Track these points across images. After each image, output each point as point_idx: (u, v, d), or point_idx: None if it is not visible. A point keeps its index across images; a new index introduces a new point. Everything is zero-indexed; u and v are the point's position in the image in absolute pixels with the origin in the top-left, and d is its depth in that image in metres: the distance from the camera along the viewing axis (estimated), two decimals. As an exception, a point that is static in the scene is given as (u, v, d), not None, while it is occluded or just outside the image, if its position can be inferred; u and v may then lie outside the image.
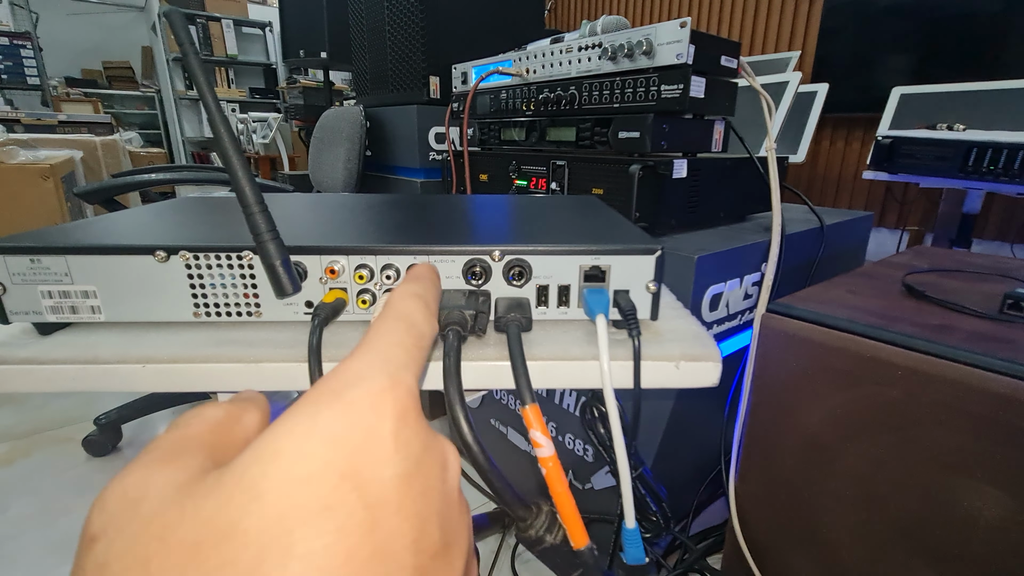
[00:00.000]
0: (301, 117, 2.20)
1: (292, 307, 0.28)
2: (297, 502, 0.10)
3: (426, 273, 0.20)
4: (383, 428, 0.12)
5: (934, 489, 0.45)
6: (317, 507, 0.10)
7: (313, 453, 0.11)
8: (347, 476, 0.11)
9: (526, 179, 0.80)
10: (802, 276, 0.77)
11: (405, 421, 0.12)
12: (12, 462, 1.13)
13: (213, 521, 0.10)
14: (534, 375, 0.25)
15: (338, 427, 0.11)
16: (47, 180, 1.50)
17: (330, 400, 0.12)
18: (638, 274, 0.28)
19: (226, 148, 0.23)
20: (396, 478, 0.11)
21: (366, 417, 0.12)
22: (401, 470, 0.12)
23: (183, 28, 0.22)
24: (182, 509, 0.10)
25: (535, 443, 0.21)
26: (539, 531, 0.19)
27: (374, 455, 0.11)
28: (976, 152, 1.09)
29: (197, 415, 0.14)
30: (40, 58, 3.39)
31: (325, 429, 0.11)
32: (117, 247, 0.27)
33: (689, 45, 0.58)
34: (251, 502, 0.10)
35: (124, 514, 0.11)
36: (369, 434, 0.12)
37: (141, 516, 0.10)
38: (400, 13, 1.14)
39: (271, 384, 0.27)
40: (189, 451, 0.12)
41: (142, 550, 0.10)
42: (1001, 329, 0.47)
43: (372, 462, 0.11)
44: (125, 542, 0.10)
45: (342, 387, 0.12)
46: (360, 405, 0.12)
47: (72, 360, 0.26)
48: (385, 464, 0.11)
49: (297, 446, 0.11)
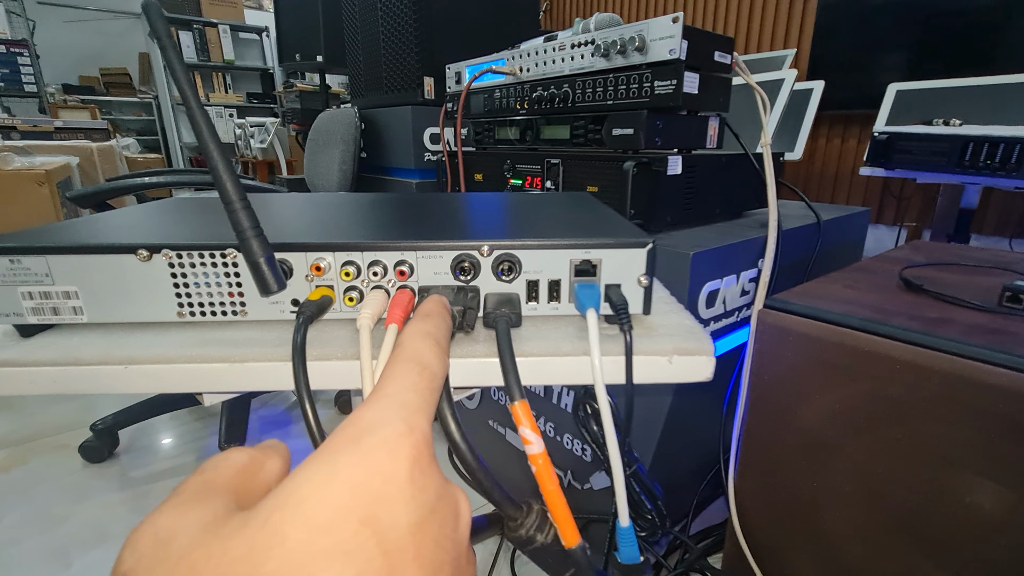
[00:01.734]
0: (298, 121, 2.20)
1: (278, 306, 0.28)
2: (319, 548, 0.10)
3: (435, 309, 0.21)
4: (400, 474, 0.12)
5: (933, 483, 0.44)
6: (338, 553, 0.10)
7: (334, 500, 0.11)
8: (366, 522, 0.11)
9: (521, 178, 0.80)
10: (799, 272, 0.76)
11: (420, 467, 0.13)
12: (9, 469, 1.12)
13: (239, 563, 0.10)
14: (524, 371, 0.25)
15: (357, 474, 0.12)
16: (42, 186, 1.50)
17: (348, 448, 0.12)
18: (630, 268, 0.27)
19: (206, 143, 0.22)
20: (412, 525, 0.12)
21: (384, 464, 0.12)
22: (417, 517, 0.12)
23: (161, 21, 0.22)
24: (209, 549, 0.11)
25: (524, 440, 0.21)
26: (529, 530, 0.19)
27: (392, 501, 0.12)
28: (972, 147, 1.09)
29: (224, 459, 0.14)
30: (37, 65, 3.39)
31: (345, 476, 0.12)
32: (98, 246, 0.26)
33: (682, 40, 0.57)
34: (275, 546, 0.10)
35: (155, 553, 0.11)
36: (387, 480, 0.12)
37: (171, 555, 0.11)
38: (394, 15, 1.13)
39: (257, 384, 0.26)
40: (215, 493, 0.13)
41: None
42: (999, 321, 0.46)
43: (390, 508, 0.12)
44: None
45: (359, 434, 0.13)
46: (378, 452, 0.12)
47: (54, 362, 0.26)
48: (402, 510, 0.12)
49: (318, 493, 0.11)
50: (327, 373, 0.25)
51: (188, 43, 3.92)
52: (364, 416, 0.13)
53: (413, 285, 0.27)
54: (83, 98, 4.11)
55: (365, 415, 0.13)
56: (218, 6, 3.94)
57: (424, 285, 0.27)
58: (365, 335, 0.24)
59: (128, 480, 1.10)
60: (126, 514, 1.00)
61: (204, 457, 1.14)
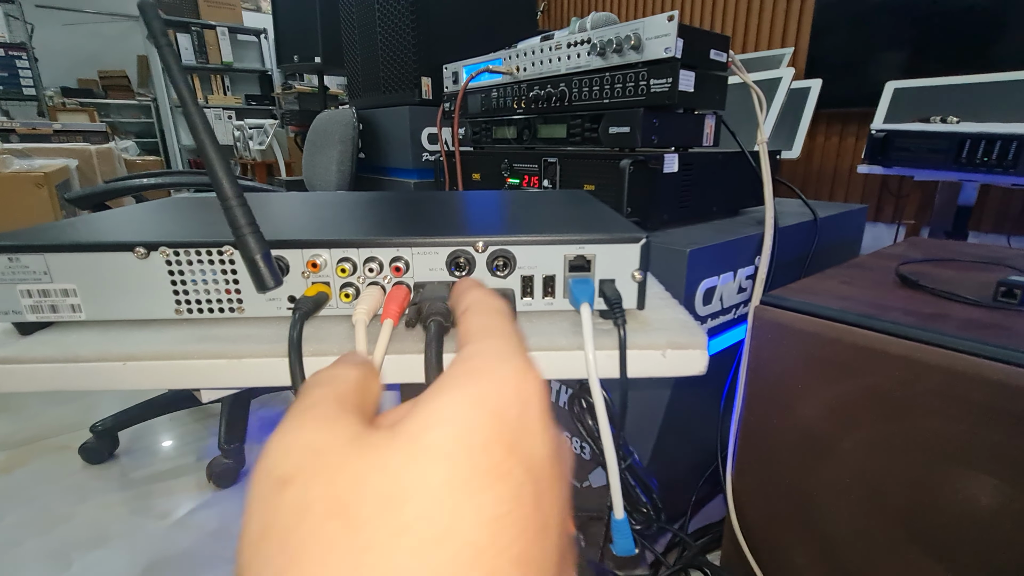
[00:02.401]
0: (296, 122, 2.20)
1: (275, 302, 0.28)
2: (479, 468, 0.11)
3: (471, 284, 0.21)
4: (535, 406, 0.12)
5: (931, 477, 0.44)
6: (496, 475, 0.11)
7: (482, 424, 0.11)
8: (513, 449, 0.11)
9: (519, 177, 0.80)
10: (796, 269, 0.76)
11: (547, 403, 0.13)
12: (10, 470, 1.12)
13: (402, 477, 0.10)
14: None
15: (499, 401, 0.12)
16: (41, 188, 1.50)
17: (486, 375, 0.12)
18: (623, 263, 0.28)
19: (203, 141, 0.23)
20: (548, 457, 0.12)
21: (521, 394, 0.12)
22: (549, 451, 0.12)
23: (157, 21, 0.22)
24: (368, 462, 0.11)
25: None
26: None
27: (531, 432, 0.12)
28: (970, 144, 1.09)
29: (339, 376, 0.14)
30: (36, 68, 3.40)
31: (488, 402, 0.12)
32: (96, 244, 0.27)
33: (677, 39, 0.58)
34: (436, 463, 0.10)
35: (313, 463, 0.11)
36: (525, 411, 0.12)
37: (330, 465, 0.11)
38: (391, 16, 1.14)
39: (254, 380, 0.26)
40: (349, 409, 0.13)
41: (341, 496, 0.10)
42: (995, 316, 0.47)
43: (531, 439, 0.12)
44: (322, 487, 0.10)
45: (493, 364, 0.13)
46: (513, 382, 0.12)
47: (52, 359, 0.26)
48: (540, 442, 0.12)
49: (466, 416, 0.11)
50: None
51: (186, 45, 3.92)
52: (489, 347, 0.14)
53: (409, 281, 0.28)
54: (82, 101, 4.11)
55: (490, 346, 0.14)
56: (216, 8, 3.94)
57: (420, 281, 0.28)
58: (361, 330, 0.24)
59: (128, 481, 1.10)
60: (126, 515, 1.00)
61: (204, 458, 1.14)
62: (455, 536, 0.10)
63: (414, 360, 0.26)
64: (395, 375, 0.26)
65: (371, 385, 0.15)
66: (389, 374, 0.26)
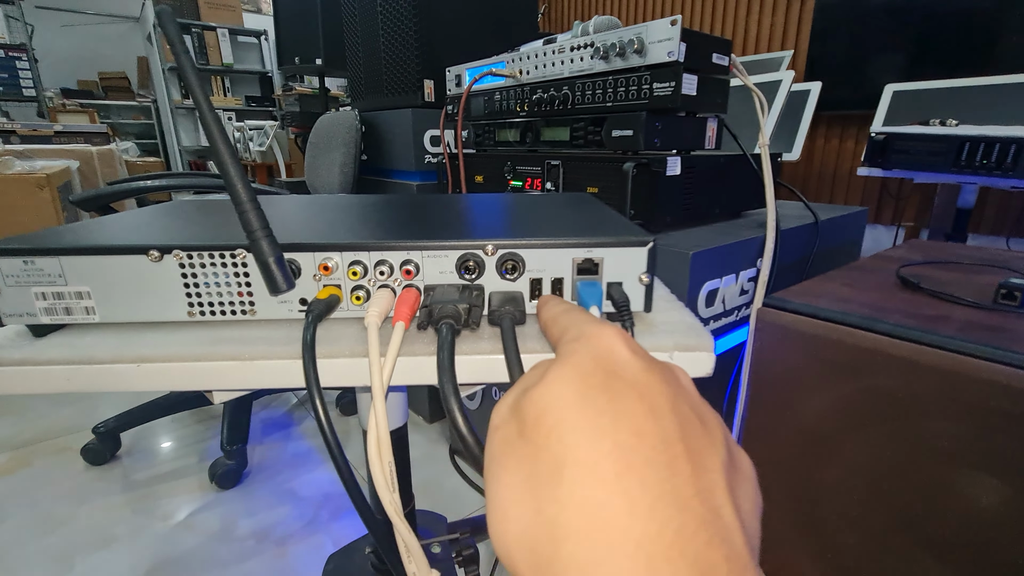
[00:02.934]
0: (297, 124, 2.21)
1: (287, 305, 0.28)
2: (591, 383, 0.16)
3: (554, 297, 0.26)
4: (624, 347, 0.17)
5: (932, 479, 0.45)
6: (601, 387, 0.16)
7: (588, 365, 0.17)
8: (612, 373, 0.16)
9: (521, 180, 0.81)
10: (798, 271, 0.77)
11: (633, 344, 0.18)
12: (12, 472, 1.12)
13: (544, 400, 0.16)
14: (528, 368, 0.25)
15: (604, 348, 0.17)
16: (43, 190, 1.50)
17: (588, 339, 0.18)
18: (631, 266, 0.28)
19: (218, 146, 0.23)
20: (642, 371, 0.17)
21: (611, 344, 0.17)
22: (641, 366, 0.17)
23: (173, 26, 0.23)
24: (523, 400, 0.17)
25: None
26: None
27: (623, 361, 0.17)
28: (969, 147, 1.10)
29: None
30: (36, 69, 3.40)
31: (597, 349, 0.17)
32: (111, 247, 0.27)
33: (680, 43, 0.58)
34: (563, 385, 0.16)
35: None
36: (613, 350, 0.17)
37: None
38: (394, 18, 1.14)
39: (267, 382, 0.26)
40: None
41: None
42: (995, 318, 0.47)
43: (623, 366, 0.17)
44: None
45: (595, 329, 0.18)
46: (607, 338, 0.18)
47: (66, 361, 0.26)
48: (628, 365, 0.17)
49: (576, 363, 0.17)
50: (336, 370, 0.26)
51: (187, 46, 3.93)
52: (587, 320, 0.19)
53: (419, 284, 0.28)
54: (82, 102, 4.11)
55: (587, 320, 0.20)
56: (216, 10, 3.95)
57: (430, 284, 0.28)
58: (373, 332, 0.24)
59: (130, 482, 1.10)
60: (128, 516, 1.00)
61: (206, 459, 1.15)
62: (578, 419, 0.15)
63: (425, 362, 0.26)
64: (407, 377, 0.26)
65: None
66: (401, 376, 0.26)
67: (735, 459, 0.16)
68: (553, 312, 0.22)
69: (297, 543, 0.94)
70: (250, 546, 0.93)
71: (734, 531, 0.13)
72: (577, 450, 0.14)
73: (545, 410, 0.15)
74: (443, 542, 0.58)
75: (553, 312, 0.22)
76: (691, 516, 0.13)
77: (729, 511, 0.14)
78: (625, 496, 0.13)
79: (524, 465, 0.15)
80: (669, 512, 0.13)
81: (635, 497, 0.13)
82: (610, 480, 0.13)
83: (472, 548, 0.76)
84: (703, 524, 0.13)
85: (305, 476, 1.12)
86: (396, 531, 0.24)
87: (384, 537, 0.27)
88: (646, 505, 0.13)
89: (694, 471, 0.14)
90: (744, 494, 0.15)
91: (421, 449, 1.20)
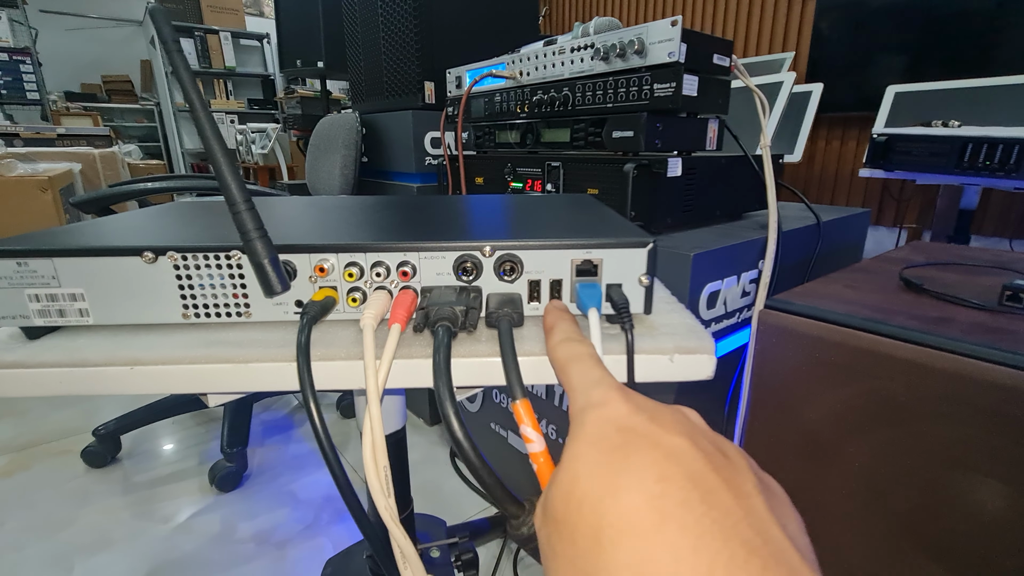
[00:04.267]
0: (299, 127, 2.21)
1: (282, 307, 0.28)
2: (618, 441, 0.16)
3: (557, 316, 0.25)
4: (627, 405, 0.18)
5: (936, 482, 0.44)
6: (624, 431, 0.16)
7: (618, 419, 0.17)
8: (640, 433, 0.16)
9: (522, 181, 0.80)
10: (800, 273, 0.76)
11: (638, 402, 0.18)
12: (12, 474, 1.12)
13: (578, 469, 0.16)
14: (526, 371, 0.25)
15: (621, 413, 0.17)
16: (46, 192, 1.50)
17: (592, 410, 0.18)
18: (630, 268, 0.28)
19: (211, 145, 0.23)
20: (649, 421, 0.17)
21: (625, 406, 0.18)
22: (647, 417, 0.17)
23: (167, 25, 0.22)
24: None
25: (526, 438, 0.21)
26: (531, 528, 0.19)
27: (628, 418, 0.17)
28: (971, 148, 1.09)
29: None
30: (39, 73, 3.41)
31: (614, 412, 0.17)
32: (105, 249, 0.27)
33: (681, 43, 0.58)
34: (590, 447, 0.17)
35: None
36: (629, 415, 0.17)
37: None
38: (394, 20, 1.14)
39: (262, 384, 0.26)
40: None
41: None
42: (1000, 320, 0.47)
43: (630, 422, 0.17)
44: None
45: (598, 395, 0.18)
46: (615, 404, 0.18)
47: (60, 363, 0.26)
48: (634, 419, 0.17)
49: (607, 415, 0.17)
50: (331, 373, 0.26)
51: (190, 50, 3.94)
52: (592, 384, 0.19)
53: (416, 286, 0.28)
54: (85, 105, 4.13)
55: (591, 381, 0.20)
56: (219, 13, 3.97)
57: (427, 286, 0.28)
58: (369, 335, 0.24)
59: (130, 485, 1.10)
60: (128, 519, 1.00)
61: (206, 462, 1.14)
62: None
63: (422, 365, 0.26)
64: (402, 380, 0.26)
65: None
66: (397, 379, 0.25)
67: (766, 483, 0.16)
68: (558, 355, 0.22)
69: (297, 546, 0.93)
70: (250, 549, 0.93)
71: (788, 551, 0.13)
72: (608, 514, 0.14)
73: (569, 492, 0.15)
74: (442, 546, 0.57)
75: (558, 355, 0.22)
76: (739, 545, 0.13)
77: (778, 532, 0.14)
78: (667, 545, 0.13)
79: (567, 551, 0.15)
80: (715, 546, 0.13)
81: (676, 542, 0.13)
82: (649, 532, 0.13)
83: (471, 552, 0.75)
84: (753, 551, 0.13)
85: (305, 479, 1.11)
86: (392, 537, 0.24)
87: (380, 543, 0.27)
88: (689, 547, 0.13)
89: (733, 499, 0.14)
90: (786, 515, 0.15)
91: (421, 451, 1.19)
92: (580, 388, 0.20)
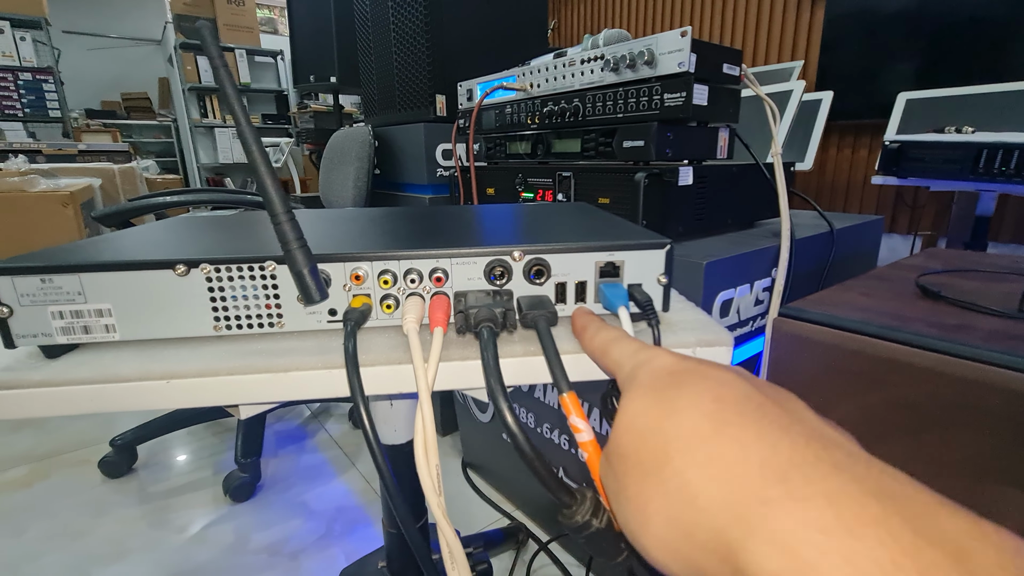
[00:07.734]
0: (312, 141, 2.25)
1: (315, 316, 0.29)
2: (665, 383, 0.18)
3: (585, 320, 0.26)
4: (675, 358, 0.19)
5: (956, 492, 0.43)
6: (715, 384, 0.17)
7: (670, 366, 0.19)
8: (690, 371, 0.18)
9: (532, 191, 0.81)
10: (814, 281, 0.76)
11: (684, 356, 0.19)
12: (31, 484, 1.14)
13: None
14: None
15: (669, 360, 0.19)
16: (67, 207, 1.54)
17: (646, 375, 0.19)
18: (650, 268, 0.29)
19: (255, 158, 0.24)
20: (699, 363, 0.19)
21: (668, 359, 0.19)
22: (695, 360, 0.19)
23: (214, 42, 0.23)
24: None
25: (575, 428, 0.21)
26: (585, 516, 0.19)
27: (678, 363, 0.19)
28: (987, 154, 1.08)
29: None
30: (61, 91, 3.51)
31: (668, 363, 0.19)
32: (136, 263, 0.26)
33: (691, 54, 0.59)
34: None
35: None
36: (668, 362, 0.19)
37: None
38: (406, 36, 1.17)
39: (300, 393, 0.26)
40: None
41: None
42: (1021, 327, 0.46)
43: (680, 365, 0.18)
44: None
45: (646, 354, 0.20)
46: (661, 349, 0.20)
47: (91, 380, 0.25)
48: (685, 363, 0.18)
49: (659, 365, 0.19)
50: (374, 378, 0.26)
51: (206, 67, 4.03)
52: (644, 348, 0.21)
53: (448, 291, 0.28)
54: (105, 122, 4.24)
55: (635, 348, 0.21)
56: (235, 31, 4.06)
57: (459, 291, 0.28)
58: (414, 339, 0.25)
59: (147, 495, 1.11)
60: (145, 529, 1.00)
61: (221, 472, 1.15)
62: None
63: (462, 367, 0.26)
64: (448, 382, 0.26)
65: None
66: (443, 381, 0.26)
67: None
68: (597, 343, 0.23)
69: (310, 557, 0.93)
70: (263, 559, 0.93)
71: (843, 440, 0.14)
72: (670, 434, 0.15)
73: (630, 428, 0.17)
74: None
75: (597, 343, 0.23)
76: (798, 434, 0.14)
77: (831, 430, 0.15)
78: (731, 439, 0.14)
79: (637, 477, 0.16)
80: (777, 434, 0.14)
81: (739, 436, 0.14)
82: (712, 436, 0.15)
83: (485, 563, 0.75)
84: (812, 438, 0.14)
85: (318, 489, 1.12)
86: (440, 533, 0.24)
87: (421, 546, 0.27)
88: (752, 437, 0.14)
89: (784, 412, 0.15)
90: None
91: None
92: (626, 356, 0.21)
